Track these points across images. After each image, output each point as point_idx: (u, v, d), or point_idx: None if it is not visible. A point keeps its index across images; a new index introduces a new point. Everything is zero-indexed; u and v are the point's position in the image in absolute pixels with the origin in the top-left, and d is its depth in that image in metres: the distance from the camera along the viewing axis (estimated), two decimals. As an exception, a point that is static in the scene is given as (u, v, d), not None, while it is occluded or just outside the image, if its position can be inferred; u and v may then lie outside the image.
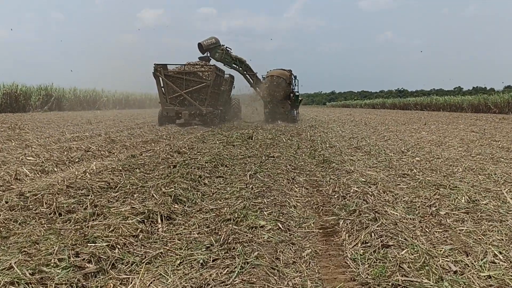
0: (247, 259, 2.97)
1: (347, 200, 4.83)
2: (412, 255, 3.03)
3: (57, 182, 5.35)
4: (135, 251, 3.21)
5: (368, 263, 3.01)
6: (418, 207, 4.54)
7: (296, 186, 5.88)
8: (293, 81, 21.59)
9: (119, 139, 11.46)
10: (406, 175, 6.48)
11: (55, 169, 6.76)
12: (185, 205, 4.68)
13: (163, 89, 17.38)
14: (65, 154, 8.40)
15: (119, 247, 3.22)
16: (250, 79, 21.07)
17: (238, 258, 3.00)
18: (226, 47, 19.92)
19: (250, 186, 5.47)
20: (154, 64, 17.19)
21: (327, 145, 10.43)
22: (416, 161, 7.91)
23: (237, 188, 5.53)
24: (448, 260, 3.03)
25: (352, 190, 5.16)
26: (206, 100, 17.21)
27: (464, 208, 4.39)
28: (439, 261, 3.01)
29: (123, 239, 3.35)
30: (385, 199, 4.84)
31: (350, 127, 18.38)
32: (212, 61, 19.53)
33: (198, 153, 9.07)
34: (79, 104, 43.51)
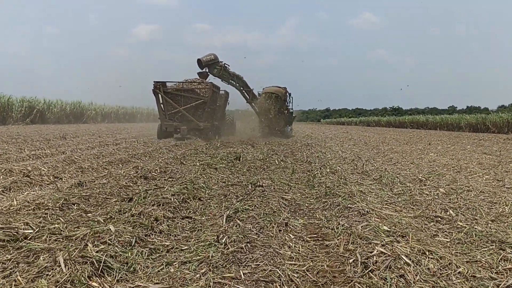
0: None
1: (371, 271, 3.07)
2: None
3: None
4: None
5: None
6: (489, 289, 2.80)
7: (291, 236, 4.11)
8: (288, 98, 22.47)
9: (81, 159, 9.66)
10: (440, 219, 4.76)
11: (-40, 205, 4.94)
12: (112, 279, 2.90)
13: (162, 105, 17.86)
14: (-2, 179, 6.61)
15: None
16: (247, 95, 21.38)
17: None
18: (224, 63, 20.09)
19: (224, 240, 3.70)
20: (154, 81, 17.62)
21: (328, 170, 8.68)
22: (443, 195, 6.20)
23: (205, 241, 3.77)
24: None
25: (375, 251, 3.40)
26: (203, 115, 17.84)
27: None
28: None
29: None
30: (429, 270, 3.09)
31: (350, 146, 16.69)
32: (210, 77, 20.00)
33: (170, 179, 7.32)
34: (65, 117, 41.80)
